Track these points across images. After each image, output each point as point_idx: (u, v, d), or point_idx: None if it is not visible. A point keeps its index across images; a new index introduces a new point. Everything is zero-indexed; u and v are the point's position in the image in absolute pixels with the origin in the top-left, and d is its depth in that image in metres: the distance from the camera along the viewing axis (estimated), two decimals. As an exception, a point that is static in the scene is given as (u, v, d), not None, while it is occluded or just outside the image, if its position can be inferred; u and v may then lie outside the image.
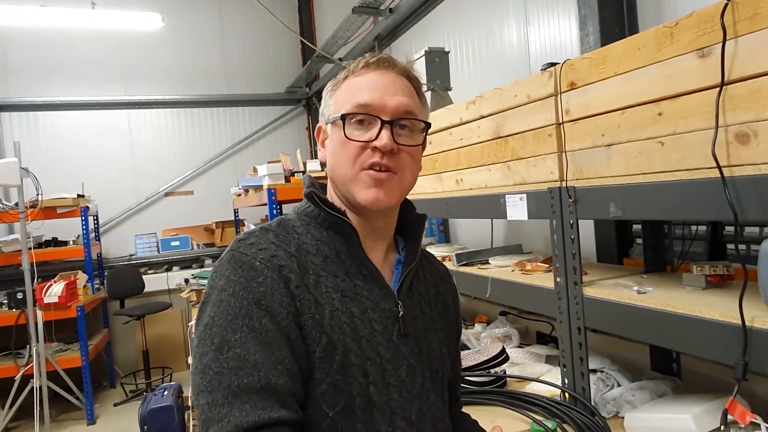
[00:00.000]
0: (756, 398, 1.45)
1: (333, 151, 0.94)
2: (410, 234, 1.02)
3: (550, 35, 2.89)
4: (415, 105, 0.94)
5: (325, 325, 0.84)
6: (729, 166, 1.05)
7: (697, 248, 1.86)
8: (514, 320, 2.56)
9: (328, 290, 0.87)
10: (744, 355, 1.04)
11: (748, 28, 1.00)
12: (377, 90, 0.91)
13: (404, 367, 0.91)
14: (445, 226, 3.75)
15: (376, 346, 0.88)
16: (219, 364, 0.77)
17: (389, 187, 0.91)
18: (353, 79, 0.94)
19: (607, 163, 1.35)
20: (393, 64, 0.95)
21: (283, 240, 0.90)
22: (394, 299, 0.94)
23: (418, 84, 0.98)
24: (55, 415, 4.64)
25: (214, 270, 0.88)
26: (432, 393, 0.97)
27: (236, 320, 0.79)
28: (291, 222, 0.95)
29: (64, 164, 5.95)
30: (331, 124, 0.95)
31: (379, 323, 0.90)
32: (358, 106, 0.91)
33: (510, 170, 1.75)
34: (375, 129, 0.90)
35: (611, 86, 1.32)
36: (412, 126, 0.94)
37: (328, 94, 0.98)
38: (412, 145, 0.94)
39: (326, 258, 0.90)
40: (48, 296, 4.35)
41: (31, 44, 5.92)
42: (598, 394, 1.58)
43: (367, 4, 4.21)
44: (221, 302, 0.81)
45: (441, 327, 1.05)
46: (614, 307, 1.37)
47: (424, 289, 1.05)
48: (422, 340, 0.97)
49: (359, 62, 0.95)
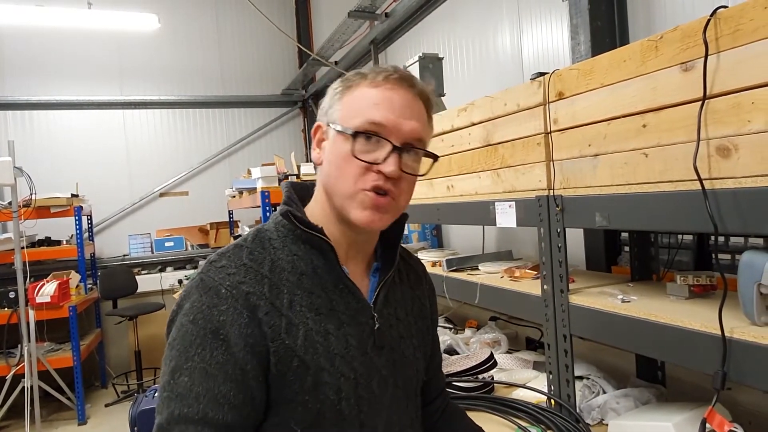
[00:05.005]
0: (738, 407, 1.46)
1: (334, 162, 0.90)
2: (388, 239, 1.01)
3: (543, 43, 2.91)
4: (426, 132, 0.93)
5: (298, 347, 0.83)
6: (710, 178, 1.07)
7: (683, 257, 1.87)
8: (504, 326, 2.57)
9: (302, 309, 0.86)
10: (723, 365, 1.05)
11: (729, 43, 1.02)
12: (393, 110, 0.88)
13: (376, 379, 0.92)
14: (438, 231, 3.77)
15: (350, 362, 0.88)
16: (170, 388, 0.79)
17: (386, 211, 0.89)
18: (369, 90, 0.90)
19: (593, 172, 1.37)
20: (413, 83, 0.92)
21: (257, 258, 0.88)
22: (370, 311, 0.94)
23: (432, 108, 0.96)
24: (46, 415, 4.62)
25: (185, 290, 0.87)
26: (402, 401, 0.98)
27: (191, 348, 0.80)
28: (268, 234, 0.92)
29: (58, 164, 5.93)
30: (335, 131, 0.91)
31: (354, 337, 0.90)
32: (371, 124, 0.87)
33: (499, 178, 1.76)
34: (383, 151, 0.87)
35: (598, 97, 1.33)
36: (418, 153, 0.92)
37: (337, 95, 0.93)
38: (416, 174, 0.92)
39: (302, 275, 0.89)
40: (40, 296, 4.34)
41: (26, 43, 5.91)
42: (584, 401, 1.59)
43: (363, 9, 4.22)
44: (182, 326, 0.82)
45: (416, 331, 1.05)
46: (599, 316, 1.39)
47: (401, 294, 1.04)
48: (396, 349, 0.98)
49: (379, 72, 0.90)
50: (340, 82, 0.94)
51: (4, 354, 4.44)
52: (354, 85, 0.91)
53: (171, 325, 0.85)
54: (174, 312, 0.86)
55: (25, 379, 4.09)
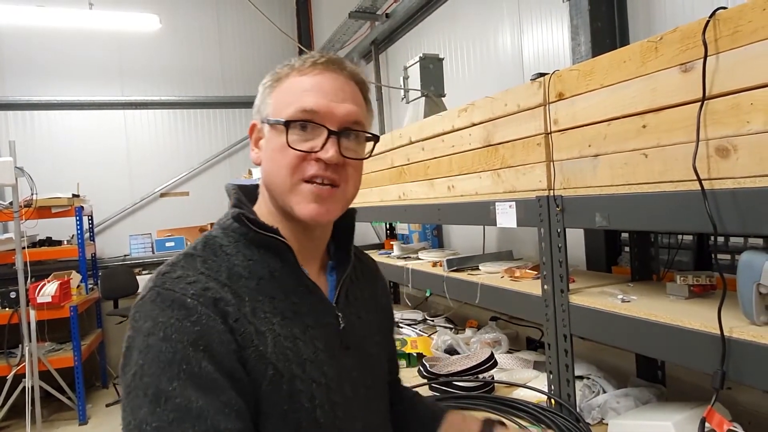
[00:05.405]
0: (738, 406, 1.47)
1: (270, 156, 0.87)
2: (340, 235, 0.98)
3: (543, 44, 2.92)
4: (363, 114, 0.89)
5: (269, 354, 0.78)
6: (709, 179, 1.07)
7: (683, 258, 1.88)
8: (505, 326, 2.58)
9: (266, 315, 0.80)
10: (722, 365, 1.06)
11: (728, 44, 1.02)
12: (325, 95, 0.84)
13: (347, 382, 0.88)
14: (439, 232, 3.77)
15: (320, 366, 0.84)
16: (157, 418, 0.68)
17: (332, 201, 0.86)
18: (298, 78, 0.86)
19: (593, 173, 1.37)
20: (342, 65, 0.88)
21: (212, 267, 0.81)
22: (334, 311, 0.90)
23: (367, 90, 0.92)
24: (46, 415, 4.63)
25: (136, 310, 0.77)
26: (375, 402, 0.96)
27: (171, 367, 0.70)
28: (218, 241, 0.86)
29: (59, 164, 5.95)
30: (269, 126, 0.87)
31: (321, 340, 0.85)
32: (303, 112, 0.83)
33: (500, 178, 1.77)
34: (320, 139, 0.84)
35: (598, 98, 1.34)
36: (359, 136, 0.89)
37: (267, 90, 0.89)
38: (359, 158, 0.89)
39: (261, 279, 0.83)
40: (41, 296, 4.35)
41: (28, 44, 5.93)
42: (584, 401, 1.60)
43: (364, 9, 4.24)
44: (149, 348, 0.71)
45: (377, 329, 1.03)
46: (599, 315, 1.39)
47: (359, 292, 1.01)
48: (362, 349, 0.94)
49: (306, 60, 0.87)
50: (269, 76, 0.91)
51: (5, 354, 4.45)
52: (283, 76, 0.88)
53: (129, 354, 0.73)
54: (130, 338, 0.75)
55: (26, 379, 4.09)
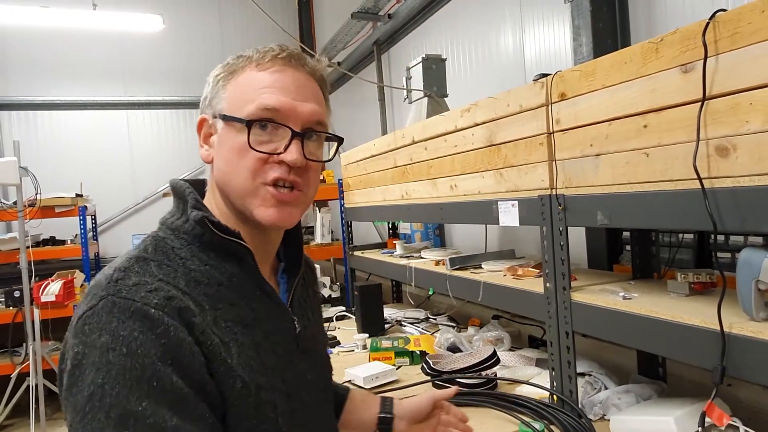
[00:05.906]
0: (739, 402, 1.49)
1: (226, 157, 0.81)
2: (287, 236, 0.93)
3: (545, 44, 2.93)
4: (325, 113, 0.85)
5: (235, 366, 0.73)
6: (709, 178, 1.09)
7: (684, 256, 1.90)
8: (507, 324, 2.60)
9: (228, 325, 0.75)
10: (722, 360, 1.08)
11: (728, 46, 1.04)
12: (288, 93, 0.80)
13: (304, 387, 0.87)
14: (441, 231, 3.79)
15: (282, 373, 0.81)
16: None
17: (294, 206, 0.82)
18: (256, 73, 0.81)
19: (594, 172, 1.39)
20: (304, 61, 0.84)
21: (168, 272, 0.74)
22: (289, 315, 0.87)
23: (326, 87, 0.88)
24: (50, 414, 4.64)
25: (84, 323, 0.67)
26: (326, 404, 0.96)
27: (140, 385, 0.63)
28: (168, 243, 0.79)
29: (62, 164, 5.98)
30: (223, 122, 0.81)
31: (280, 346, 0.83)
32: (264, 110, 0.78)
33: (502, 177, 1.79)
34: (282, 140, 0.79)
35: (599, 98, 1.36)
36: (320, 137, 0.85)
37: (220, 82, 0.83)
38: (320, 161, 0.85)
39: (220, 285, 0.78)
40: (45, 295, 4.36)
41: (31, 44, 5.96)
42: (586, 397, 1.62)
43: (366, 10, 4.25)
44: (110, 365, 0.63)
45: (320, 328, 1.03)
46: (600, 313, 1.41)
47: (305, 293, 0.99)
48: (314, 350, 0.93)
49: (266, 53, 0.82)
50: (221, 67, 0.85)
51: (9, 353, 4.47)
52: (238, 69, 0.83)
53: (79, 372, 0.65)
54: (78, 354, 0.66)
55: (30, 378, 4.11)
